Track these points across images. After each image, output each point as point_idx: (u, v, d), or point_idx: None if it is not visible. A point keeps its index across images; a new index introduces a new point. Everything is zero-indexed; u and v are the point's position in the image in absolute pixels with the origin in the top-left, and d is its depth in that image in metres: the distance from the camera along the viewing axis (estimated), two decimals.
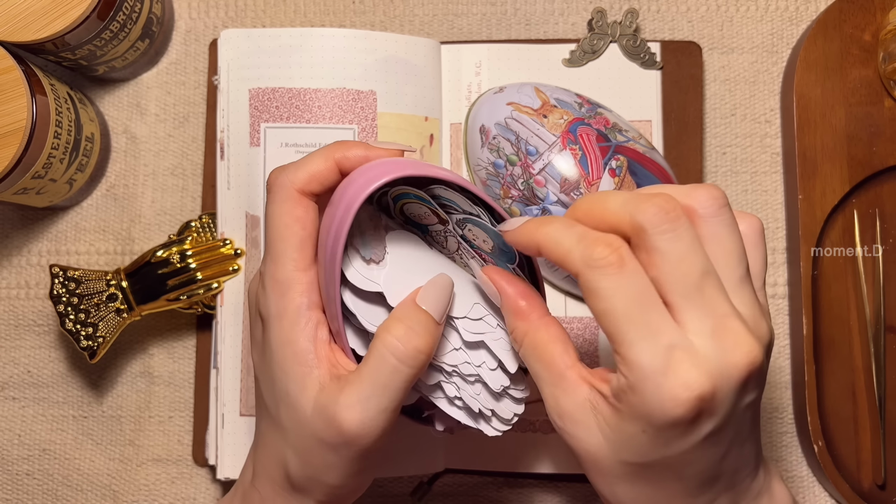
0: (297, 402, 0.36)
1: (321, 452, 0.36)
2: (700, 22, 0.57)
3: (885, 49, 0.53)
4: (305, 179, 0.37)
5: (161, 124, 0.57)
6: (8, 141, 0.46)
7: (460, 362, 0.38)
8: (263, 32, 0.52)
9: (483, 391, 0.39)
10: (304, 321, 0.37)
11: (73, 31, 0.48)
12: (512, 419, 0.39)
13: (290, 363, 0.37)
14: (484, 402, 0.39)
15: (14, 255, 0.57)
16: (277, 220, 0.37)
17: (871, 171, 0.54)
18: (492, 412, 0.39)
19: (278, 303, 0.37)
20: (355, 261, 0.37)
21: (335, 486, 0.38)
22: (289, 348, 0.37)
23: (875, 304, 0.54)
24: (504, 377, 0.39)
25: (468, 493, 0.55)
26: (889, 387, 0.54)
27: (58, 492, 0.56)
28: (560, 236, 0.33)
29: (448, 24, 0.57)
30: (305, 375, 0.36)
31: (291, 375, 0.37)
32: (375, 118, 0.52)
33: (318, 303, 0.38)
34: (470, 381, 0.39)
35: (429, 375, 0.38)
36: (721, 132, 0.57)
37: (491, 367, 0.38)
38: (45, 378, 0.56)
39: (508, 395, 0.39)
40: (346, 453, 0.36)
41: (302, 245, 0.37)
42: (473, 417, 0.39)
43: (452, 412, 0.39)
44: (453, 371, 0.38)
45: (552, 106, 0.51)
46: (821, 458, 0.52)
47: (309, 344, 0.37)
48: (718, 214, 0.32)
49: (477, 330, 0.38)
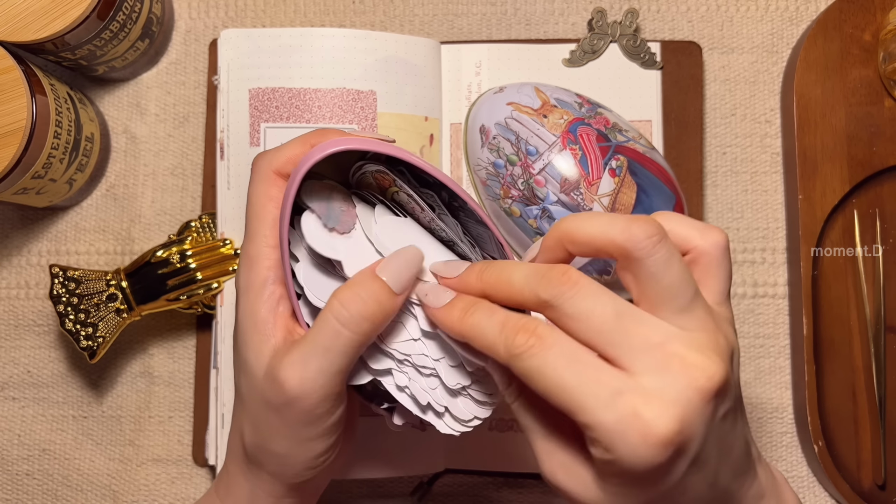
0: (253, 368, 0.37)
1: (268, 416, 0.37)
2: (700, 22, 0.57)
3: (885, 49, 0.53)
4: (283, 162, 0.38)
5: (161, 124, 0.57)
6: (8, 141, 0.46)
7: (415, 353, 0.38)
8: (263, 32, 0.52)
9: (440, 386, 0.38)
10: (268, 294, 0.38)
11: (73, 31, 0.48)
12: (471, 421, 0.39)
13: (250, 332, 0.38)
14: (437, 397, 0.38)
15: (14, 255, 0.57)
16: (254, 199, 0.39)
17: (871, 171, 0.54)
18: (445, 409, 0.38)
19: (247, 276, 0.38)
20: (315, 227, 0.38)
21: (282, 454, 0.38)
22: (250, 319, 0.38)
23: (875, 304, 0.54)
24: (462, 376, 0.38)
25: (468, 493, 0.55)
26: (889, 387, 0.54)
27: (58, 492, 0.56)
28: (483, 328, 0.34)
29: (448, 24, 0.57)
30: (262, 343, 0.37)
31: (250, 344, 0.38)
32: (375, 118, 0.52)
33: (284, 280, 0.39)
34: (424, 373, 0.38)
35: (377, 359, 0.38)
36: (721, 132, 0.57)
37: (451, 363, 0.38)
38: (45, 378, 0.56)
39: (468, 396, 0.39)
40: (288, 415, 0.36)
41: (274, 223, 0.38)
42: (422, 409, 0.38)
43: (401, 399, 0.38)
44: (405, 360, 0.38)
45: (552, 106, 0.51)
46: (821, 458, 0.52)
47: (269, 315, 0.38)
48: (653, 253, 0.32)
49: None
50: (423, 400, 0.38)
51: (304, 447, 0.38)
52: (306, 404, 0.36)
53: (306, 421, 0.36)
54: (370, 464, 0.53)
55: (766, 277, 0.56)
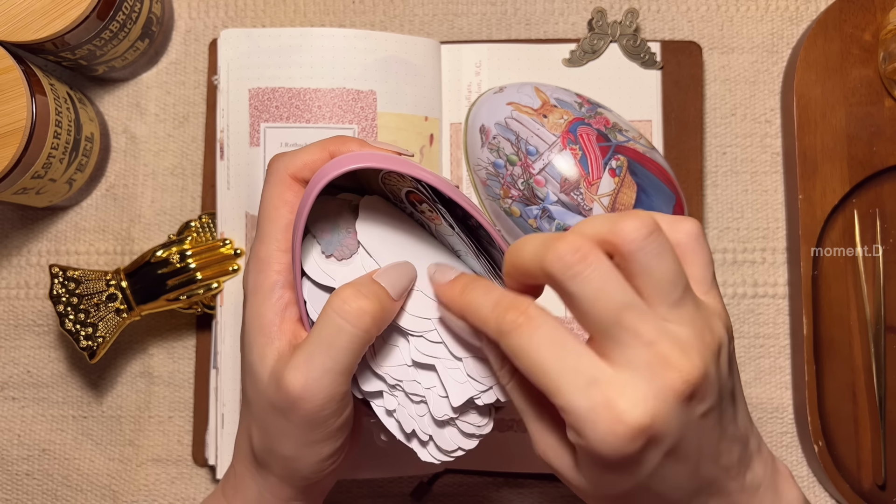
0: (257, 372, 0.37)
1: (274, 419, 0.37)
2: (700, 22, 0.57)
3: (885, 49, 0.53)
4: (299, 166, 0.38)
5: (161, 124, 0.57)
6: (8, 141, 0.46)
7: (407, 379, 0.38)
8: (263, 32, 0.52)
9: (427, 414, 0.38)
10: (276, 297, 0.38)
11: (72, 30, 0.48)
12: (454, 451, 0.39)
13: (256, 334, 0.38)
14: (423, 425, 0.38)
15: (14, 255, 0.57)
16: (268, 201, 0.39)
17: (871, 171, 0.54)
18: (430, 437, 0.38)
19: (256, 278, 0.38)
20: (315, 252, 0.38)
21: (289, 457, 0.38)
22: (256, 321, 0.38)
23: (875, 304, 0.54)
24: (448, 408, 0.38)
25: (468, 493, 0.55)
26: (889, 387, 0.54)
27: (58, 492, 0.56)
28: (479, 305, 0.34)
29: (448, 24, 0.57)
30: (266, 345, 0.37)
31: (255, 347, 0.38)
32: (375, 118, 0.52)
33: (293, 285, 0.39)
34: (415, 400, 0.38)
35: (370, 381, 0.38)
36: (721, 132, 0.57)
37: (440, 393, 0.38)
38: (44, 378, 0.56)
39: (455, 426, 0.39)
40: (294, 418, 0.36)
41: (287, 227, 0.38)
42: (406, 436, 0.39)
43: (388, 424, 0.39)
44: (396, 385, 0.38)
45: (552, 106, 0.51)
46: (821, 458, 0.52)
47: (275, 318, 0.38)
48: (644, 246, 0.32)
49: (431, 353, 0.38)
50: (408, 427, 0.38)
51: (311, 450, 0.38)
52: (312, 406, 0.36)
53: (313, 423, 0.36)
54: (370, 464, 0.53)
55: (766, 277, 0.56)
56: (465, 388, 0.38)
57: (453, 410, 0.38)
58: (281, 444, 0.37)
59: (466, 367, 0.38)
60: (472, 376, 0.38)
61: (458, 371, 0.38)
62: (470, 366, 0.38)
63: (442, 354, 0.38)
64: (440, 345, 0.38)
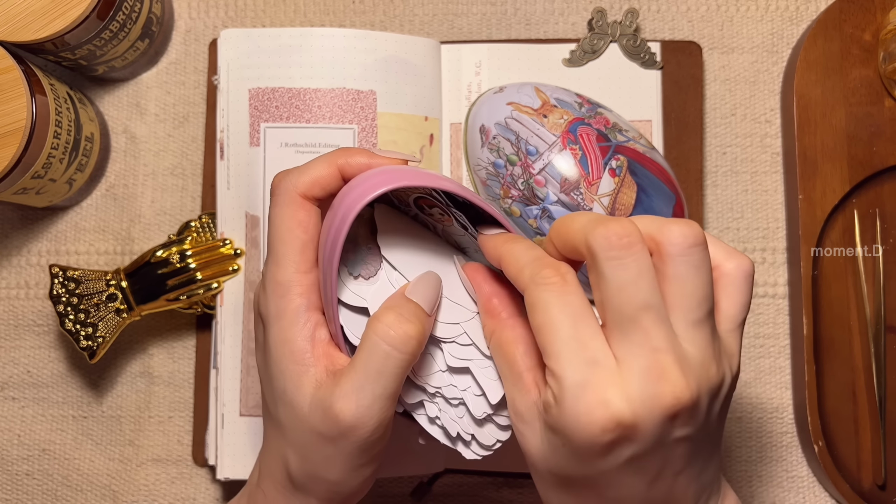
0: (294, 399, 0.37)
1: (320, 447, 0.37)
2: (700, 22, 0.57)
3: (885, 49, 0.53)
4: (308, 184, 0.38)
5: (161, 124, 0.57)
6: (8, 141, 0.46)
7: (445, 385, 0.38)
8: (263, 32, 0.52)
9: (466, 415, 0.39)
10: (303, 321, 0.37)
11: (72, 30, 0.48)
12: (494, 445, 0.39)
13: (287, 362, 0.37)
14: (465, 426, 0.39)
15: (14, 255, 0.57)
16: (280, 223, 0.38)
17: (871, 171, 0.54)
18: (472, 437, 0.39)
19: (278, 304, 0.38)
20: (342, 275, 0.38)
21: (336, 481, 0.38)
22: (286, 347, 0.37)
23: (875, 304, 0.54)
24: (486, 405, 0.38)
25: (468, 493, 0.55)
26: (889, 387, 0.54)
27: (58, 492, 0.56)
28: (519, 255, 0.35)
29: (448, 24, 0.57)
30: (302, 374, 0.37)
31: (288, 374, 0.37)
32: (375, 118, 0.52)
33: (318, 304, 0.38)
34: (454, 403, 0.39)
35: (411, 393, 0.38)
36: (721, 132, 0.57)
37: (476, 392, 0.38)
38: (44, 378, 0.56)
39: (492, 422, 0.39)
40: (344, 445, 0.36)
41: (303, 248, 0.38)
42: (451, 440, 0.39)
43: (432, 431, 0.39)
44: (436, 392, 0.38)
45: (552, 106, 0.51)
46: (821, 458, 0.52)
47: (306, 343, 0.37)
48: (686, 254, 0.32)
49: (463, 356, 0.38)
50: (452, 431, 0.38)
51: (357, 473, 0.38)
52: (363, 433, 0.36)
53: (362, 449, 0.36)
54: None
55: (766, 277, 0.56)
56: (499, 384, 0.38)
57: (491, 407, 0.38)
58: (327, 470, 0.37)
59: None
60: None
61: (490, 369, 0.38)
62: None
63: (474, 356, 0.38)
64: (471, 346, 0.38)
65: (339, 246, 0.35)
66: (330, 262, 0.36)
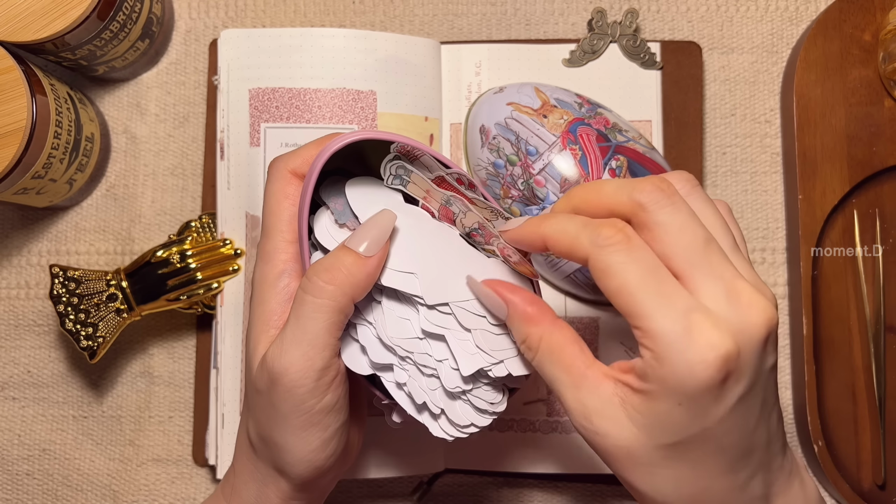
0: (251, 359, 0.38)
1: (261, 403, 0.37)
2: (700, 22, 0.57)
3: (885, 49, 0.53)
4: (298, 163, 0.39)
5: (161, 124, 0.57)
6: (8, 141, 0.46)
7: (418, 351, 0.38)
8: (263, 32, 0.52)
9: (439, 388, 0.38)
10: (282, 286, 0.38)
11: (73, 31, 0.48)
12: (467, 427, 0.39)
13: (257, 322, 0.38)
14: (435, 398, 0.38)
15: (14, 255, 0.57)
16: (270, 197, 0.39)
17: (871, 171, 0.54)
18: (441, 411, 0.38)
19: (263, 269, 0.39)
20: (326, 221, 0.38)
21: (279, 444, 0.37)
22: (259, 308, 0.38)
23: (875, 304, 0.54)
24: (459, 379, 0.38)
25: (468, 493, 0.55)
26: (889, 387, 0.54)
27: (58, 492, 0.56)
28: (565, 226, 0.34)
29: (448, 24, 0.57)
30: (262, 332, 0.38)
31: (253, 335, 0.38)
32: (375, 118, 0.52)
33: (300, 273, 0.39)
34: (426, 373, 0.38)
35: (380, 354, 0.38)
36: (721, 132, 0.57)
37: (452, 366, 0.38)
38: (45, 378, 0.56)
39: (469, 403, 0.39)
40: (275, 397, 0.36)
41: (291, 219, 0.39)
42: (417, 409, 0.38)
43: (398, 397, 0.38)
44: (407, 357, 0.38)
45: (552, 106, 0.51)
46: (821, 458, 0.52)
47: (278, 307, 0.38)
48: (693, 193, 0.35)
49: (441, 323, 0.38)
50: (419, 399, 0.38)
51: (298, 437, 0.37)
52: (288, 382, 0.36)
53: (292, 401, 0.36)
54: (370, 464, 0.53)
55: (766, 277, 0.56)
56: (475, 359, 0.38)
57: (464, 381, 0.38)
58: (270, 429, 0.37)
59: (476, 339, 0.38)
60: (482, 348, 0.38)
61: (468, 343, 0.38)
62: (480, 338, 0.38)
63: (452, 325, 0.38)
64: (450, 316, 0.38)
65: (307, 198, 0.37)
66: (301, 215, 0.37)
